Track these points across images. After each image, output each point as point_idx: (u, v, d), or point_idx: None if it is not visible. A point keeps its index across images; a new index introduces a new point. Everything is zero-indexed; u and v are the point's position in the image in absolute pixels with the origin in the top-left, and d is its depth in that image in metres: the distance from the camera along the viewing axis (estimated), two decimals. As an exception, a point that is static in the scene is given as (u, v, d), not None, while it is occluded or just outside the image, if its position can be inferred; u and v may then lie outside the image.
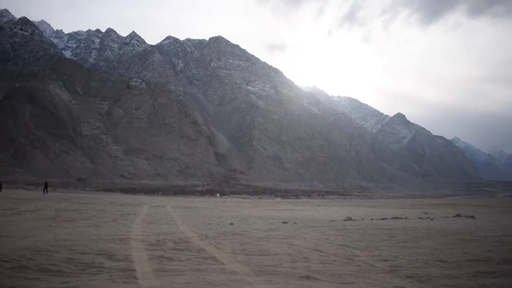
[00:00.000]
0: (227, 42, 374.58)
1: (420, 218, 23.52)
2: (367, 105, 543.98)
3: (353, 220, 21.13)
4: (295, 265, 8.54)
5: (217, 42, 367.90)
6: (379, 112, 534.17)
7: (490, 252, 10.44)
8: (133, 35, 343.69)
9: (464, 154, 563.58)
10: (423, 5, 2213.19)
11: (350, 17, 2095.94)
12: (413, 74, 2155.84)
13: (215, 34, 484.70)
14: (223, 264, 8.45)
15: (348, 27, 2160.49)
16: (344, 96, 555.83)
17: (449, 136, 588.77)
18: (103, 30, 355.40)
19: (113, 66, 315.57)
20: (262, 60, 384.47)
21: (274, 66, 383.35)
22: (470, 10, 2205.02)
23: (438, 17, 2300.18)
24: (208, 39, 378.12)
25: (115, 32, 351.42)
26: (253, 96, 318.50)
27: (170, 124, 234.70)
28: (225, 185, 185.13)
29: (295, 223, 19.17)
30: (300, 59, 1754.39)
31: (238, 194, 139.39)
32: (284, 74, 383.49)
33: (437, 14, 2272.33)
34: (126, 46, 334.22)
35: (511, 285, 7.08)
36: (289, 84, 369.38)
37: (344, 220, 21.21)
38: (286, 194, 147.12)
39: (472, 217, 23.73)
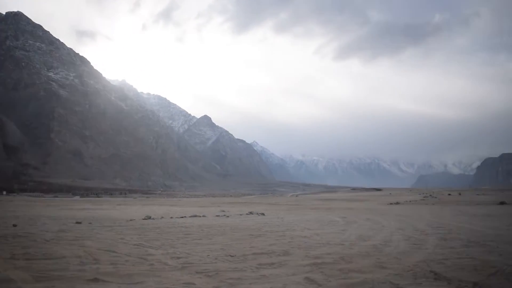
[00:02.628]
0: (28, 21, 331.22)
1: (217, 216, 24.85)
2: (175, 104, 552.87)
3: (153, 219, 21.15)
4: (83, 268, 8.15)
5: (16, 18, 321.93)
6: (187, 112, 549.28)
7: (273, 245, 11.62)
8: None
9: (261, 157, 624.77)
10: (235, 15, 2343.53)
11: (166, 14, 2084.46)
12: (222, 79, 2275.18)
13: (13, 8, 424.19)
14: (-3, 272, 7.51)
15: (164, 24, 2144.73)
16: (154, 94, 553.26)
17: (249, 140, 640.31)
18: None
19: None
20: (68, 46, 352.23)
21: (81, 54, 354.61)
22: (275, 27, 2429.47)
23: (248, 29, 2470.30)
24: (4, 14, 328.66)
25: None
26: (54, 84, 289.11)
27: None
28: (14, 181, 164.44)
29: (90, 223, 18.30)
30: (111, 50, 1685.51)
31: (30, 192, 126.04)
32: (92, 64, 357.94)
33: (247, 26, 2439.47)
34: None
35: (287, 274, 7.94)
36: (97, 75, 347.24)
37: (143, 219, 21.09)
38: (86, 192, 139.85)
39: (263, 214, 26.14)
